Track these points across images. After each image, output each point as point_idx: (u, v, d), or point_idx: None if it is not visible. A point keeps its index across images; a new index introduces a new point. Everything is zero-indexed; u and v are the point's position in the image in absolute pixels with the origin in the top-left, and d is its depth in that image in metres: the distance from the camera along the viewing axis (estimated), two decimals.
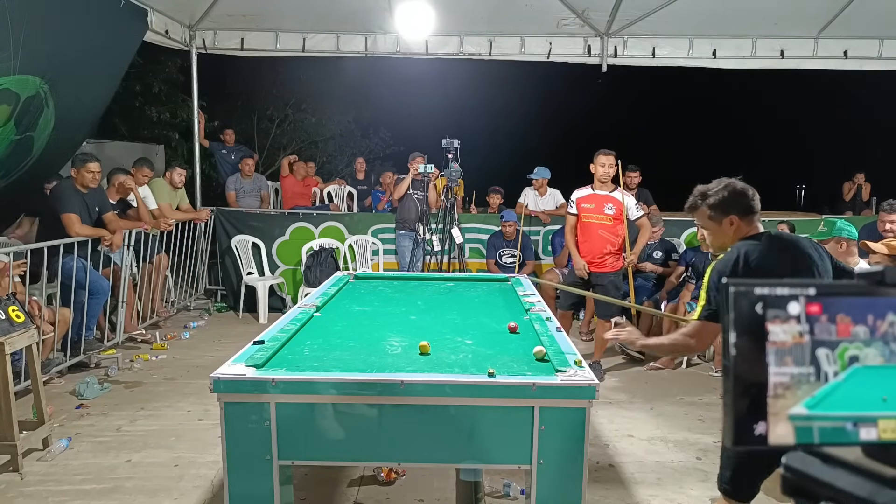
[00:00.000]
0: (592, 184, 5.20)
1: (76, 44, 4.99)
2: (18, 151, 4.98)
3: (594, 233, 5.16)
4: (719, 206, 2.41)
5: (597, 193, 5.16)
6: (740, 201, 2.40)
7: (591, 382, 2.12)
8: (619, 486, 3.42)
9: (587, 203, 5.18)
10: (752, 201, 2.41)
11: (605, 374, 5.25)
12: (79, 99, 5.41)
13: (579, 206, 5.21)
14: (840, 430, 0.73)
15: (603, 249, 5.13)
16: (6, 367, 3.38)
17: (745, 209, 2.39)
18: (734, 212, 2.38)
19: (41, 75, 4.72)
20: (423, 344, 2.56)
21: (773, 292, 0.74)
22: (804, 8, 6.78)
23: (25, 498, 3.19)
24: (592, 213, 5.15)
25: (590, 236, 5.17)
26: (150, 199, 6.37)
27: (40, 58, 4.63)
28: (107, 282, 5.27)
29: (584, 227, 5.20)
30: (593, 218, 5.15)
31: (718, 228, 2.44)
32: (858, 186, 9.59)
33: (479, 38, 7.46)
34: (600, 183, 5.14)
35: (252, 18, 7.16)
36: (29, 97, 4.72)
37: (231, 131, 8.72)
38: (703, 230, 2.55)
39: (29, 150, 5.06)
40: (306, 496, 3.21)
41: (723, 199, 2.40)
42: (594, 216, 5.14)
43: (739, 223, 2.39)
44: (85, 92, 5.49)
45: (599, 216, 5.13)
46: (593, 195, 5.17)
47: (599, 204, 5.13)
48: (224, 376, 2.14)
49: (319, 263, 6.85)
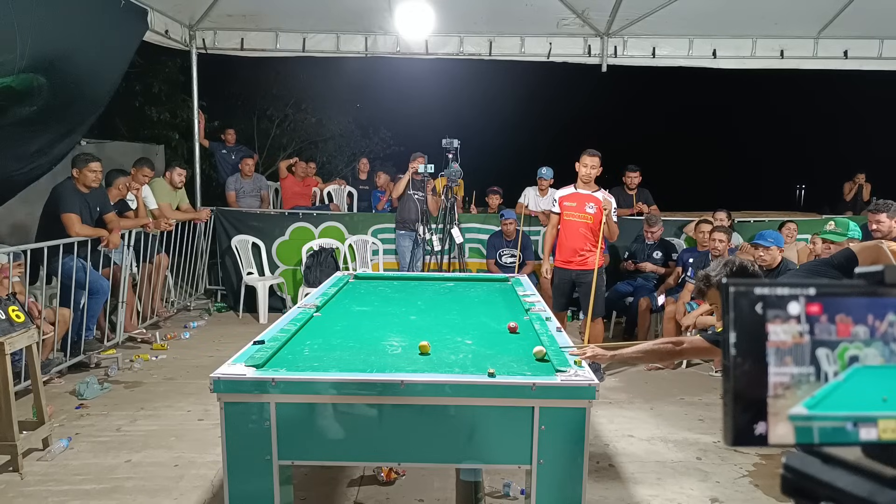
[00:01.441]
0: (575, 183, 5.28)
1: (76, 43, 4.98)
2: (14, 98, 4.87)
3: (575, 231, 5.23)
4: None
5: (579, 192, 5.24)
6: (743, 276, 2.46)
7: (591, 382, 2.13)
8: (619, 486, 3.42)
9: (569, 202, 5.27)
10: (754, 275, 2.44)
11: (605, 374, 5.26)
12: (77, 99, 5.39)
13: (562, 205, 5.31)
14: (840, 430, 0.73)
15: (584, 247, 5.22)
16: (6, 367, 3.38)
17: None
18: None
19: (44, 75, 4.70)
20: (423, 344, 2.56)
21: (773, 292, 0.74)
22: (804, 8, 6.78)
23: (25, 498, 3.19)
24: (574, 211, 5.22)
25: (571, 234, 5.25)
26: (150, 199, 6.37)
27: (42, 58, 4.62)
28: (107, 282, 5.27)
29: (566, 225, 5.28)
30: (575, 216, 5.22)
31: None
32: (859, 186, 9.59)
33: (479, 38, 7.46)
34: (583, 183, 5.21)
35: (252, 18, 7.16)
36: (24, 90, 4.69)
37: (232, 131, 8.72)
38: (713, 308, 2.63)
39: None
40: (306, 496, 3.21)
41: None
42: (576, 214, 5.21)
43: None
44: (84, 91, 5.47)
45: (581, 214, 5.20)
46: (576, 194, 5.25)
47: (581, 203, 5.20)
48: (224, 376, 2.14)
49: (319, 263, 6.85)
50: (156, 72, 10.35)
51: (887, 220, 4.47)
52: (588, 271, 5.20)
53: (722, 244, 5.33)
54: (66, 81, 5.04)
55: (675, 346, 2.41)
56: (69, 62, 4.97)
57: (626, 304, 6.35)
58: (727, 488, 3.40)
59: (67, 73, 4.99)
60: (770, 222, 6.92)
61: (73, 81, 5.14)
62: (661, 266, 6.34)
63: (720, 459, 3.73)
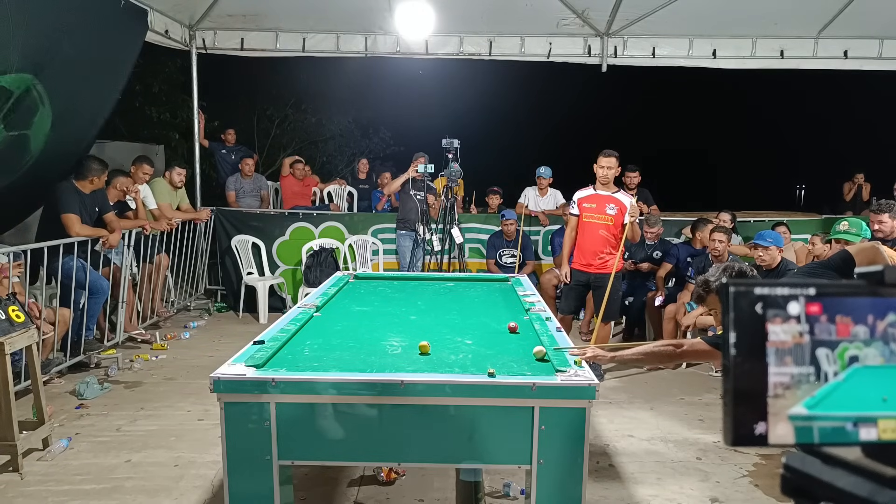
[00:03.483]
0: (594, 184, 5.20)
1: (76, 43, 4.98)
2: (14, 150, 4.94)
3: (595, 233, 5.13)
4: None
5: (599, 194, 5.15)
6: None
7: (591, 382, 2.13)
8: (619, 486, 3.42)
9: (588, 203, 5.17)
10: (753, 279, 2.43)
11: (605, 374, 5.25)
12: (79, 99, 5.40)
13: (581, 207, 5.20)
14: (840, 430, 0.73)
15: (603, 250, 5.12)
16: (6, 367, 3.38)
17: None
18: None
19: (34, 73, 4.69)
20: (423, 344, 2.56)
21: (773, 292, 0.74)
22: (804, 8, 6.78)
23: (25, 498, 3.19)
24: (594, 212, 5.13)
25: (590, 236, 5.15)
26: (150, 199, 6.37)
27: (40, 58, 4.62)
28: (106, 282, 5.27)
29: (585, 226, 5.18)
30: (595, 218, 5.13)
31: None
32: (859, 186, 9.58)
33: (479, 38, 7.46)
34: (601, 184, 5.14)
35: (252, 18, 7.16)
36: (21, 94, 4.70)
37: (232, 131, 8.72)
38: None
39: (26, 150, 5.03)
40: (306, 496, 3.21)
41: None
42: (596, 216, 5.13)
43: None
44: (86, 93, 5.47)
45: (601, 216, 5.11)
46: (595, 195, 5.16)
47: (601, 204, 5.12)
48: (224, 376, 2.14)
49: (319, 263, 6.85)
50: (156, 72, 10.35)
51: (889, 221, 4.47)
52: (606, 275, 5.06)
53: (721, 244, 5.31)
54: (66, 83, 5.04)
55: (676, 349, 2.41)
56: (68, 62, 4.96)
57: (627, 304, 6.35)
58: (727, 488, 3.40)
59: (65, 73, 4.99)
60: (770, 222, 6.91)
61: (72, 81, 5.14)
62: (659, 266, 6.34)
63: (720, 459, 3.73)
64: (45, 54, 4.68)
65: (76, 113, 5.44)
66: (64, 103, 5.11)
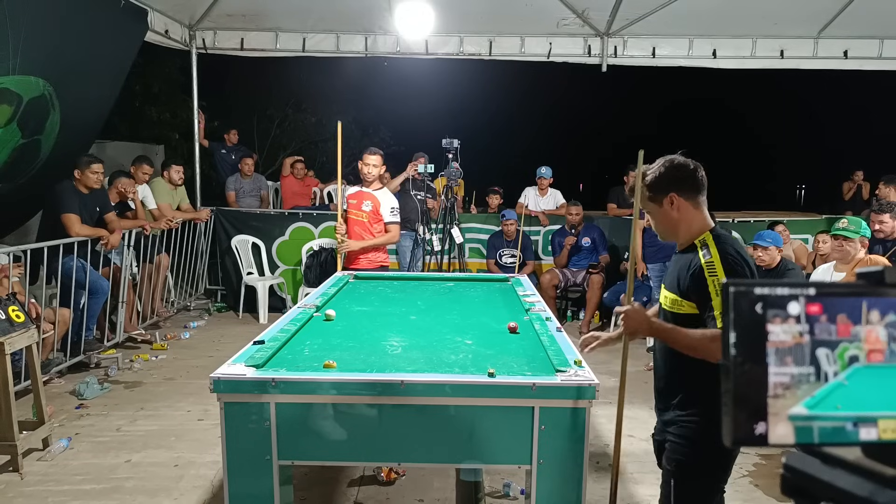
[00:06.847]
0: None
1: (77, 44, 4.98)
2: (26, 155, 4.96)
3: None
4: (657, 184, 2.16)
5: (362, 191, 5.10)
6: (678, 175, 2.14)
7: (591, 382, 2.12)
8: (620, 485, 3.41)
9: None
10: (695, 177, 2.13)
11: (605, 375, 5.24)
12: (83, 100, 5.40)
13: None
14: (840, 430, 0.73)
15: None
16: (6, 367, 3.38)
17: (687, 185, 2.13)
18: (673, 189, 2.12)
19: (43, 76, 4.70)
20: (327, 363, 2.33)
21: (773, 292, 0.74)
22: (804, 8, 6.78)
23: (25, 498, 3.19)
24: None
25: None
26: (150, 199, 6.37)
27: (41, 58, 4.62)
28: (106, 282, 5.27)
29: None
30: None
31: (660, 210, 2.18)
32: (858, 186, 9.59)
33: (479, 38, 7.46)
34: (366, 182, 5.02)
35: (252, 18, 7.16)
36: (33, 98, 4.71)
37: (234, 131, 8.73)
38: (648, 216, 2.31)
39: (37, 154, 5.05)
40: (306, 496, 3.21)
41: (660, 176, 2.15)
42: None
43: (681, 203, 2.12)
44: (89, 92, 5.48)
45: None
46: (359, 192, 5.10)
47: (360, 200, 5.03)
48: (224, 376, 2.14)
49: (319, 263, 6.84)
50: (155, 72, 10.36)
51: (890, 221, 4.47)
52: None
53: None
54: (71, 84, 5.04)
55: (714, 343, 1.89)
56: (71, 63, 4.97)
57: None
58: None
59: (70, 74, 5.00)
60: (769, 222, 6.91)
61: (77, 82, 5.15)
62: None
63: None
64: (50, 56, 4.69)
65: (81, 114, 5.45)
66: (69, 105, 5.13)
